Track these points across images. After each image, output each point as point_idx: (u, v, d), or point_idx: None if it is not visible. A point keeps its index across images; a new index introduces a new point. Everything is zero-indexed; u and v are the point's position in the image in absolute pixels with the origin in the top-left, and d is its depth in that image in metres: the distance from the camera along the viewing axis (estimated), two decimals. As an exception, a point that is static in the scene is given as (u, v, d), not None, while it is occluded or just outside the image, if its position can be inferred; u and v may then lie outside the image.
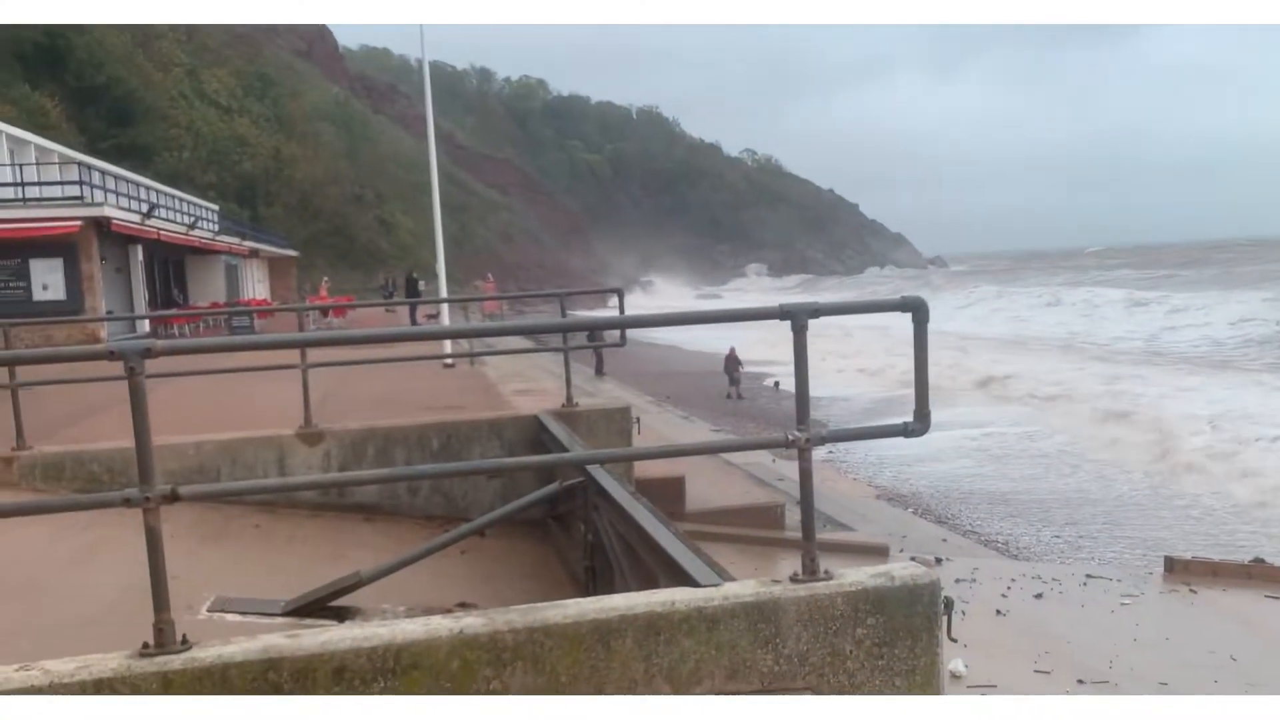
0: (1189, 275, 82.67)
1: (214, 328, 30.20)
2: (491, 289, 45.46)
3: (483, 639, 2.94)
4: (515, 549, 7.37)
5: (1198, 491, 15.99)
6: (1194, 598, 9.49)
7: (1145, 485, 16.76)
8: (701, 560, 3.96)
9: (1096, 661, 7.40)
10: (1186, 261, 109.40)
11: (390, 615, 5.10)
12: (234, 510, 7.38)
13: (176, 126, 63.37)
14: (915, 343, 3.27)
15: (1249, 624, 8.83)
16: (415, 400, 11.86)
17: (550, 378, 17.46)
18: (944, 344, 32.98)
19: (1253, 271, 77.48)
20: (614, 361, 28.64)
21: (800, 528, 3.43)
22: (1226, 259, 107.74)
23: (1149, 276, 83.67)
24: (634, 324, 4.00)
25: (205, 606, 5.27)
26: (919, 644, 3.24)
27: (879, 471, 17.92)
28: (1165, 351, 38.22)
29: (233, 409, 10.65)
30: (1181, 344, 40.35)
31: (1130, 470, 17.73)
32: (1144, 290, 62.79)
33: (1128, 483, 16.96)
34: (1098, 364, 32.99)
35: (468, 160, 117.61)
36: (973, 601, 8.65)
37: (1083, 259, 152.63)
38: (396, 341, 4.01)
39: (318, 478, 7.03)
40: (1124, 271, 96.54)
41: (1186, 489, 16.21)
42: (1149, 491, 16.35)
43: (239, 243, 42.19)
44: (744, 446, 4.48)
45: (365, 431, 8.19)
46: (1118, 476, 17.41)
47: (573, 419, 8.50)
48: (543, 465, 7.11)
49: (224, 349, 3.44)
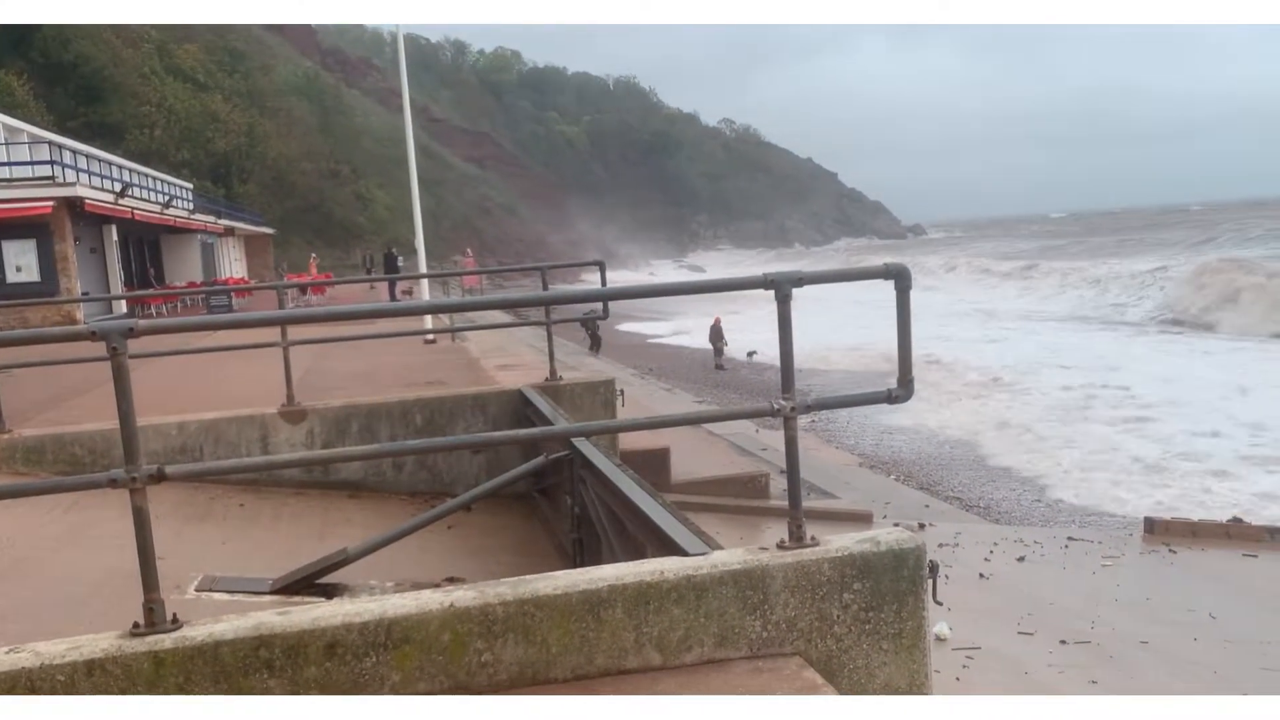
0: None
1: (191, 307, 29.98)
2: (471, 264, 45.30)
3: (474, 612, 2.95)
4: (502, 523, 7.39)
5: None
6: (1174, 558, 9.63)
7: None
8: (689, 530, 3.98)
9: (1079, 622, 7.51)
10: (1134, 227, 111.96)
11: (379, 591, 5.11)
12: (218, 490, 7.37)
13: (147, 104, 62.46)
14: (898, 310, 3.29)
15: (1227, 583, 8.97)
16: (397, 377, 11.84)
17: (532, 352, 17.44)
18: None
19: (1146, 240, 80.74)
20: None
21: (785, 496, 3.45)
22: (1144, 226, 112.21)
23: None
24: (618, 295, 3.99)
25: (193, 586, 5.27)
26: (905, 608, 3.28)
27: (861, 439, 18.03)
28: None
29: (214, 388, 10.60)
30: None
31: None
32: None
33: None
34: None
35: (443, 134, 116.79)
36: (956, 565, 8.74)
37: (1049, 224, 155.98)
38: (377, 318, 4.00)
39: (302, 455, 7.01)
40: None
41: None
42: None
43: (214, 221, 41.80)
44: (729, 416, 4.49)
45: (348, 408, 8.18)
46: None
47: (556, 392, 8.51)
48: (528, 439, 7.12)
49: (206, 328, 3.42)
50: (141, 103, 61.99)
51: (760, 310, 36.17)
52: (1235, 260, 43.23)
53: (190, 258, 38.72)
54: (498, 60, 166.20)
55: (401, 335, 12.27)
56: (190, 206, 40.39)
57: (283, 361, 7.96)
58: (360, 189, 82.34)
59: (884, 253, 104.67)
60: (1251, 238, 70.53)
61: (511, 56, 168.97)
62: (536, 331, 19.30)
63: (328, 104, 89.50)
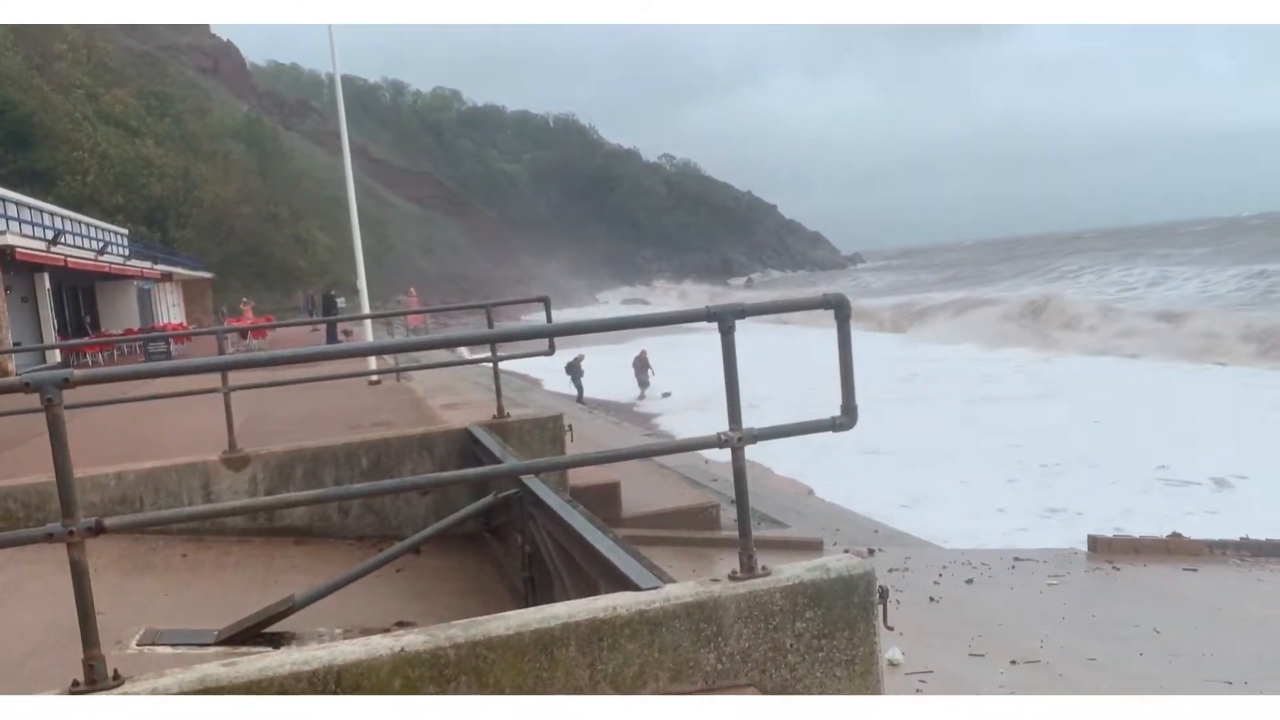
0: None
1: (129, 355, 29.38)
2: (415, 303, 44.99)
3: (425, 656, 2.92)
4: (452, 565, 7.31)
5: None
6: (1117, 574, 9.79)
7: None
8: (641, 564, 3.97)
9: (1028, 642, 7.60)
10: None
11: (327, 638, 5.02)
12: (159, 541, 7.20)
13: (79, 149, 61.42)
14: (839, 338, 3.34)
15: (1169, 597, 9.14)
16: (342, 419, 11.70)
17: (479, 390, 17.35)
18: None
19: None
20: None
21: (736, 527, 3.47)
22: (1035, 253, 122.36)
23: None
24: (563, 331, 4.00)
25: (135, 640, 5.13)
26: (856, 634, 3.30)
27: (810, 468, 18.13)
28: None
29: (154, 437, 10.39)
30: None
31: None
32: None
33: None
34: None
35: (384, 174, 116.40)
36: (906, 590, 8.81)
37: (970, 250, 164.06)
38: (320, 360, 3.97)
39: (246, 502, 6.89)
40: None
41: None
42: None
43: (151, 266, 41.15)
44: (677, 449, 4.49)
45: (292, 453, 8.05)
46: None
47: (504, 430, 8.46)
48: (476, 478, 7.05)
49: (143, 376, 3.35)
50: (74, 148, 60.97)
51: (686, 342, 36.79)
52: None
53: (126, 304, 38.02)
54: (437, 100, 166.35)
55: (345, 377, 12.14)
56: (125, 252, 39.73)
57: (224, 408, 7.84)
58: (300, 231, 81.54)
59: (822, 282, 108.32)
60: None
61: (451, 96, 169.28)
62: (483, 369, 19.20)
63: (266, 146, 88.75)
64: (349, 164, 19.60)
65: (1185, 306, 46.67)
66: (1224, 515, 13.60)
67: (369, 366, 16.96)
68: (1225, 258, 78.57)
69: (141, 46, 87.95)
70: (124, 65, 77.95)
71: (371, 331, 22.12)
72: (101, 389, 8.09)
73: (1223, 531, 10.90)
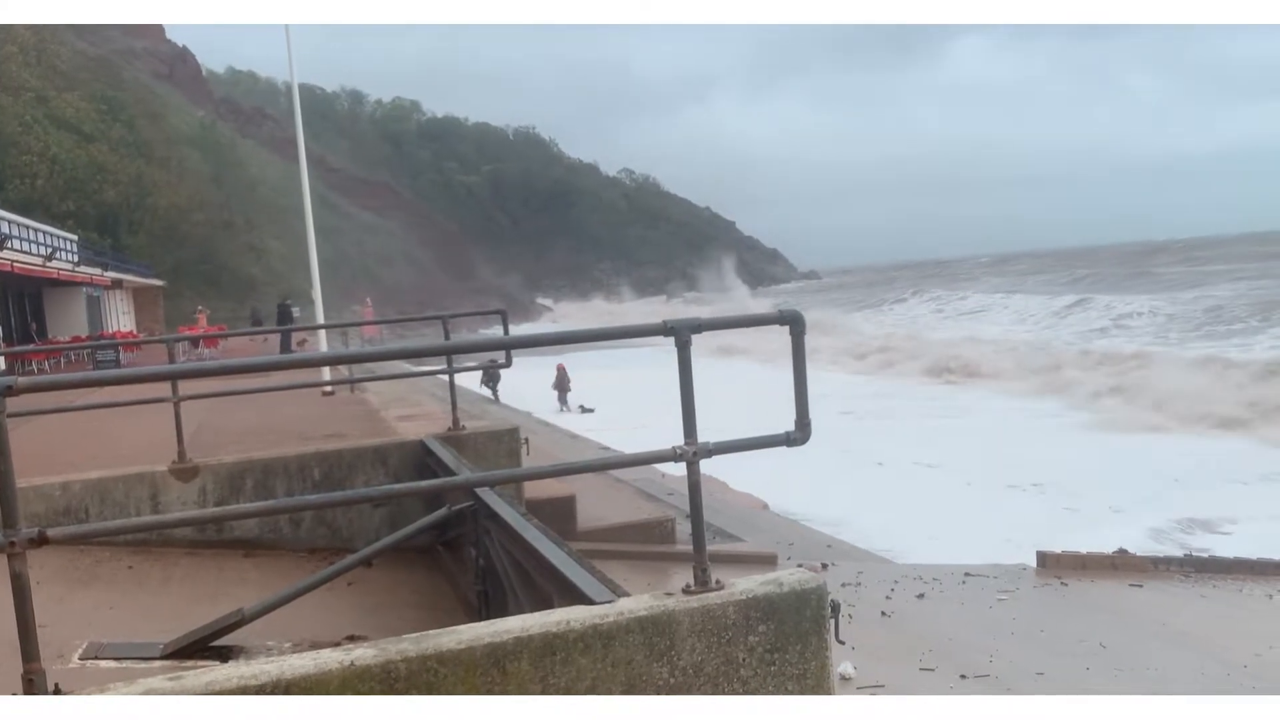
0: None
1: (76, 362, 28.84)
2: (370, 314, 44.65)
3: (375, 670, 2.89)
4: (404, 578, 7.25)
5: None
6: (1065, 590, 9.93)
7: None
8: (595, 578, 3.97)
9: (977, 657, 7.67)
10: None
11: (276, 652, 4.95)
12: (104, 552, 7.07)
13: (29, 154, 60.35)
14: (794, 354, 3.37)
15: (1115, 612, 9.29)
16: (294, 430, 11.56)
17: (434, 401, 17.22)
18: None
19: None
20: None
21: (691, 540, 3.48)
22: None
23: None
24: (520, 344, 4.00)
25: (77, 654, 5.03)
26: (809, 648, 3.32)
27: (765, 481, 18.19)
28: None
29: (101, 446, 10.20)
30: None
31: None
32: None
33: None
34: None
35: (341, 183, 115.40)
36: (858, 604, 8.87)
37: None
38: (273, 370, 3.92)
39: (194, 513, 6.77)
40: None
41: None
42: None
43: (101, 273, 40.43)
44: (632, 462, 4.50)
45: (243, 464, 7.95)
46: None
47: (460, 442, 8.42)
48: (430, 490, 7.02)
49: (91, 384, 3.30)
50: (23, 152, 59.92)
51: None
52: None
53: (75, 311, 37.35)
54: (396, 110, 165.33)
55: (298, 387, 12.00)
56: (75, 259, 38.98)
57: (174, 417, 7.72)
58: (255, 239, 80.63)
59: (782, 297, 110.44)
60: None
61: (410, 106, 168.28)
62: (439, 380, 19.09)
63: (221, 154, 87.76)
64: (305, 172, 19.44)
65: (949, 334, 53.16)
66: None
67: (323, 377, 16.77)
68: (1078, 285, 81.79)
69: (95, 50, 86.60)
70: (77, 69, 76.68)
71: (326, 342, 21.89)
72: (47, 397, 7.94)
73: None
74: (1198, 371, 30.65)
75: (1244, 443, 22.87)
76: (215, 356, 27.09)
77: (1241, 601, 9.79)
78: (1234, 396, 26.74)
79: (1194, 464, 20.47)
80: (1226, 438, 23.62)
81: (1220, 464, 20.39)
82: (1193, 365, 32.04)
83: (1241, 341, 41.16)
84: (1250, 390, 27.29)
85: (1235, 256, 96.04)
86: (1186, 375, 30.07)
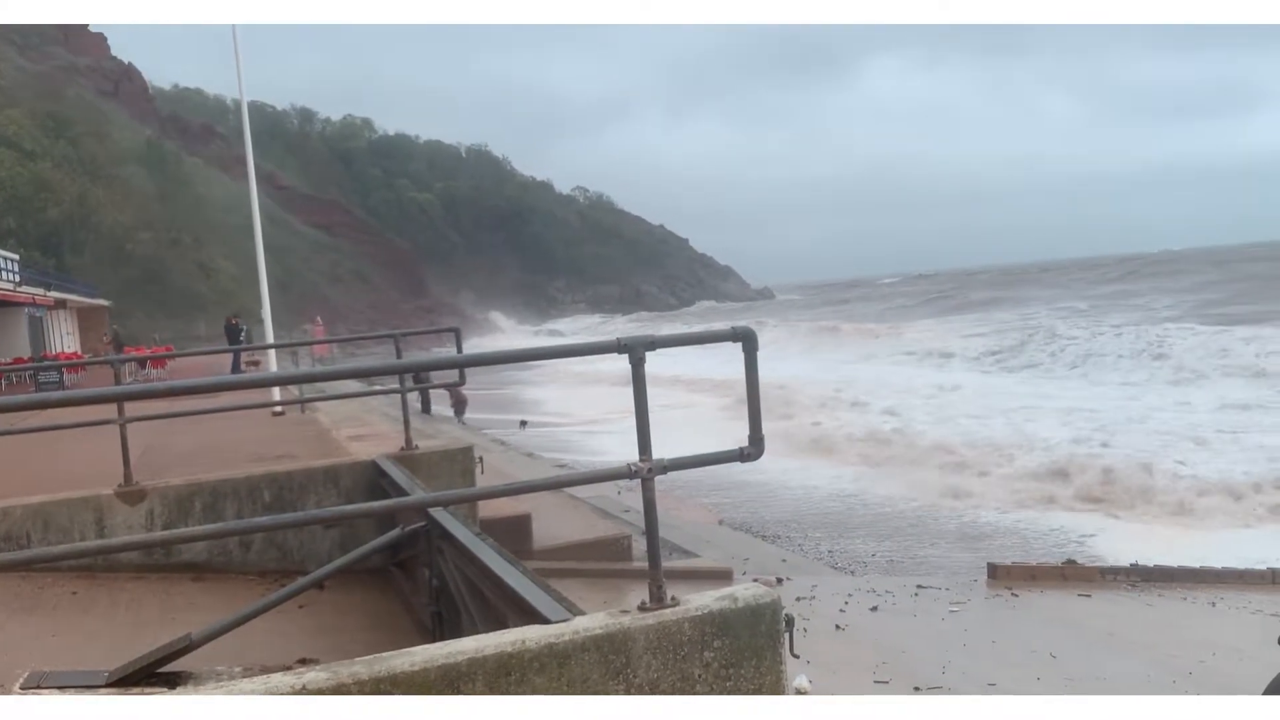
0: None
1: (18, 384, 28.23)
2: (320, 332, 44.20)
3: (327, 694, 2.86)
4: (357, 600, 7.17)
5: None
6: (1015, 601, 10.06)
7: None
8: (550, 596, 3.96)
9: (930, 668, 7.74)
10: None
11: (226, 678, 4.87)
12: (48, 578, 6.91)
13: (-33, 171, 59.27)
14: (747, 371, 3.40)
15: (1065, 623, 9.41)
16: (244, 451, 11.41)
17: (387, 420, 17.09)
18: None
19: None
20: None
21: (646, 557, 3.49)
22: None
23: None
24: (474, 362, 3.99)
25: (18, 684, 4.91)
26: (764, 663, 3.34)
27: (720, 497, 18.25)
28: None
29: (44, 470, 9.99)
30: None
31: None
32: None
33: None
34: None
35: (291, 201, 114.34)
36: (813, 618, 8.90)
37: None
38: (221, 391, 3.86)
39: (141, 537, 6.67)
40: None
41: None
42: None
43: (44, 293, 39.68)
44: (587, 480, 4.50)
45: (191, 486, 7.83)
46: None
47: (413, 462, 8.36)
48: (382, 511, 6.94)
49: (33, 406, 3.24)
50: (-39, 169, 58.73)
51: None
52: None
53: (16, 332, 36.62)
54: (346, 128, 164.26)
55: (248, 408, 11.85)
56: (16, 278, 38.19)
57: (120, 440, 7.58)
58: (203, 258, 79.59)
59: (738, 315, 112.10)
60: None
61: (361, 124, 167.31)
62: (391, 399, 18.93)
63: (167, 171, 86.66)
64: (254, 189, 19.25)
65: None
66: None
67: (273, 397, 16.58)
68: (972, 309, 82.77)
69: (36, 67, 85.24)
70: (18, 85, 75.46)
71: (276, 361, 21.63)
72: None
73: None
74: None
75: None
76: (162, 378, 26.63)
77: (1186, 609, 9.97)
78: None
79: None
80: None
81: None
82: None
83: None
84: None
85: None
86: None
